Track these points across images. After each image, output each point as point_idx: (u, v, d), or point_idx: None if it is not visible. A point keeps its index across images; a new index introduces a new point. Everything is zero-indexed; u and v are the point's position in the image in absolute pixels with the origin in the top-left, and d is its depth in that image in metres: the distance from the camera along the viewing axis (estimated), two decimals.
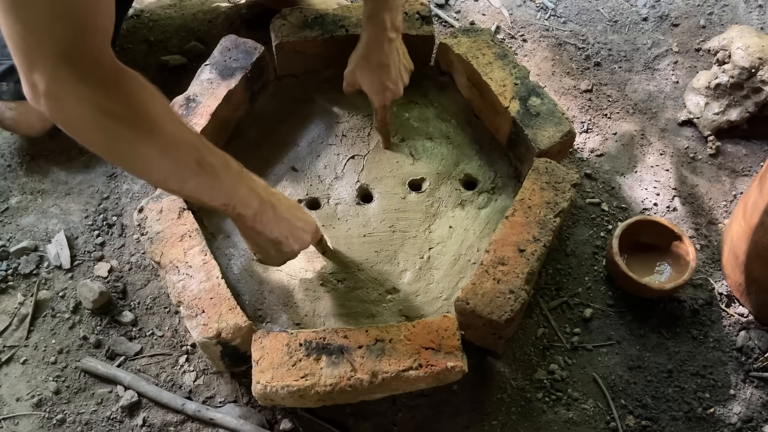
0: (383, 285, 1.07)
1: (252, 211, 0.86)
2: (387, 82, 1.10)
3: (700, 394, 1.06)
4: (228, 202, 0.83)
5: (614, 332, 1.12)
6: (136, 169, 0.76)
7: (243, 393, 1.04)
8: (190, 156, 0.75)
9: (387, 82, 1.10)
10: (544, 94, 1.17)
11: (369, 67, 1.10)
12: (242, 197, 0.84)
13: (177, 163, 0.75)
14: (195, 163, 0.76)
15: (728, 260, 1.15)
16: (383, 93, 1.12)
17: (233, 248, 1.11)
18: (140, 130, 0.70)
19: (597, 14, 1.59)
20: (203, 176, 0.77)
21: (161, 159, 0.73)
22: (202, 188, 0.79)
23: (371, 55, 1.08)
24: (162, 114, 0.73)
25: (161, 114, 0.72)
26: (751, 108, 1.32)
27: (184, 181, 0.77)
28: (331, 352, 0.91)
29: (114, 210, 1.24)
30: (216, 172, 0.79)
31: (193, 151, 0.76)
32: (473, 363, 1.04)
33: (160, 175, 0.76)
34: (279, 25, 1.26)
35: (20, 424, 1.02)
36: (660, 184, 1.30)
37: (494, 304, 0.95)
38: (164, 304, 1.13)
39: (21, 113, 1.21)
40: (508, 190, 1.18)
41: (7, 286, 1.15)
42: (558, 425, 1.03)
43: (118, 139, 0.70)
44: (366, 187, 1.18)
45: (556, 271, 1.18)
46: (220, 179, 0.80)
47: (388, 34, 1.06)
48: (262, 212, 0.87)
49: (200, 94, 1.16)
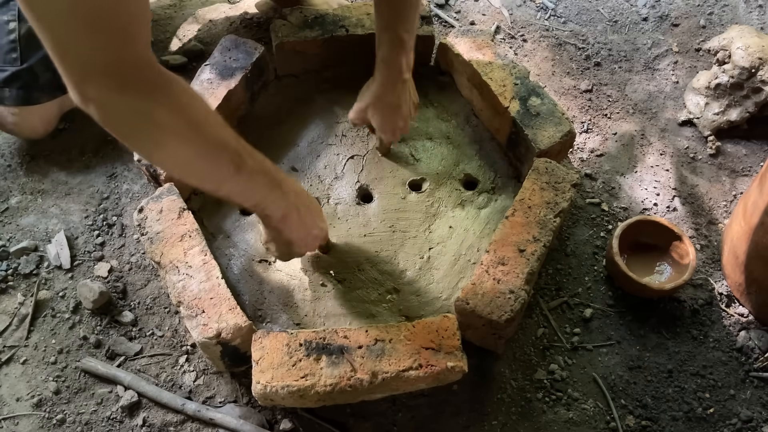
0: (383, 285, 1.07)
1: (279, 214, 0.90)
2: (399, 122, 1.12)
3: (700, 394, 1.06)
4: (258, 203, 0.87)
5: (614, 332, 1.12)
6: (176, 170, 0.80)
7: (243, 393, 1.04)
8: (228, 160, 0.78)
9: (399, 122, 1.12)
10: (544, 94, 1.17)
11: (382, 107, 1.10)
12: (273, 200, 0.88)
13: (217, 166, 0.77)
14: (233, 166, 0.78)
15: (728, 260, 1.15)
16: (393, 132, 1.14)
17: (233, 248, 1.11)
18: (184, 134, 0.72)
19: (597, 14, 1.59)
20: (239, 179, 0.80)
21: (202, 161, 0.76)
22: (237, 190, 0.83)
23: (385, 96, 1.09)
24: (205, 118, 0.75)
25: (204, 118, 0.75)
26: (751, 108, 1.32)
27: (220, 182, 0.80)
28: (331, 352, 0.90)
29: (114, 210, 1.24)
30: (251, 175, 0.82)
31: (233, 155, 0.78)
32: (473, 363, 1.04)
33: (199, 176, 0.79)
34: (279, 25, 1.26)
35: (20, 424, 1.02)
36: (660, 184, 1.30)
37: (494, 304, 0.95)
38: (164, 304, 1.13)
39: (23, 117, 1.22)
40: (508, 190, 1.18)
41: (7, 286, 1.15)
42: (558, 425, 1.03)
43: (163, 145, 0.72)
44: (366, 187, 1.18)
45: (556, 271, 1.18)
46: (254, 182, 0.83)
47: (403, 76, 1.07)
48: (287, 215, 0.91)
49: (200, 94, 1.16)
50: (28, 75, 1.17)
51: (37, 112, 1.23)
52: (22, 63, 1.16)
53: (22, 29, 1.16)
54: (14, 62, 1.17)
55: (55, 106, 1.25)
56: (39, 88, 1.19)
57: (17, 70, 1.17)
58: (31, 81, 1.18)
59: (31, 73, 1.18)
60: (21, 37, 1.16)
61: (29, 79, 1.18)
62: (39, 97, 1.20)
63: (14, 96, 1.18)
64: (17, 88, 1.18)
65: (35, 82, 1.18)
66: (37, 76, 1.18)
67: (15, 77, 1.17)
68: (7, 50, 1.17)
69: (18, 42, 1.16)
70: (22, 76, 1.17)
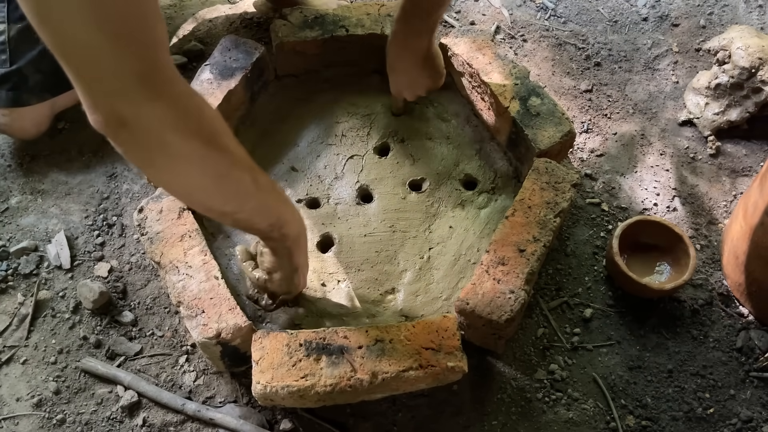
0: (383, 285, 1.07)
1: (295, 231, 0.88)
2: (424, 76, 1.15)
3: (700, 394, 1.06)
4: (276, 221, 0.84)
5: (614, 332, 1.12)
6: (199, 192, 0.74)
7: (243, 393, 1.04)
8: (249, 175, 0.75)
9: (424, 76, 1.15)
10: (544, 94, 1.17)
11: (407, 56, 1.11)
12: (289, 216, 0.86)
13: (239, 183, 0.74)
14: (252, 182, 0.76)
15: (728, 260, 1.15)
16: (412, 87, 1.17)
17: (233, 248, 1.11)
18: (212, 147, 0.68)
19: (597, 14, 1.59)
20: (259, 195, 0.78)
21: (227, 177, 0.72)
22: (259, 207, 0.80)
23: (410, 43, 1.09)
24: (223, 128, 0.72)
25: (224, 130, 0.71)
26: (751, 108, 1.32)
27: (244, 201, 0.77)
28: (331, 352, 0.90)
29: (114, 210, 1.24)
30: (267, 191, 0.80)
31: (251, 170, 0.76)
32: (473, 363, 1.04)
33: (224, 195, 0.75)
34: (279, 25, 1.26)
35: (20, 424, 1.02)
36: (660, 184, 1.30)
37: (494, 304, 0.95)
38: (164, 304, 1.13)
39: (14, 119, 1.22)
40: (508, 190, 1.18)
41: (7, 286, 1.15)
42: (558, 425, 1.03)
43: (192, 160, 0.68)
44: (366, 187, 1.18)
45: (556, 271, 1.18)
46: (271, 197, 0.82)
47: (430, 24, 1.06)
48: (300, 234, 0.90)
49: (200, 94, 1.16)
50: (17, 77, 1.17)
51: (28, 114, 1.22)
52: (11, 65, 1.16)
53: (11, 31, 1.16)
54: (3, 64, 1.16)
55: (46, 108, 1.25)
56: (28, 90, 1.19)
57: (6, 72, 1.17)
58: (21, 83, 1.18)
59: (20, 75, 1.17)
60: (10, 38, 1.16)
61: (19, 81, 1.18)
62: (28, 99, 1.20)
63: (3, 98, 1.18)
64: (7, 89, 1.18)
65: (25, 84, 1.18)
66: (27, 78, 1.18)
67: (4, 79, 1.17)
68: None
69: (7, 44, 1.16)
70: (12, 78, 1.17)
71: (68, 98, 1.28)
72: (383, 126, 1.25)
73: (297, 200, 1.16)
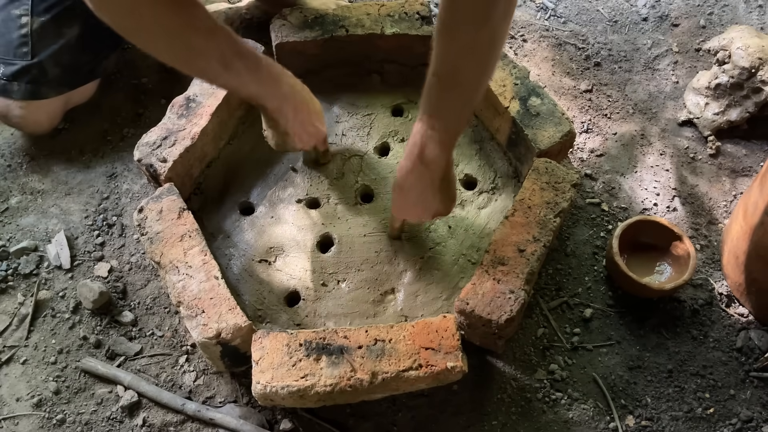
0: (383, 285, 1.07)
1: (273, 105, 0.99)
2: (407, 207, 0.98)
3: (700, 394, 1.06)
4: (252, 95, 0.96)
5: (614, 332, 1.12)
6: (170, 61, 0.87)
7: (243, 393, 1.04)
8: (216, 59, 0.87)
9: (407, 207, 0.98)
10: (544, 94, 1.17)
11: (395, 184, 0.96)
12: (266, 93, 0.97)
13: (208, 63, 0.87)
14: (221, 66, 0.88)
15: (728, 260, 1.15)
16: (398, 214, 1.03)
17: (233, 248, 1.11)
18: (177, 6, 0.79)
19: (597, 14, 1.59)
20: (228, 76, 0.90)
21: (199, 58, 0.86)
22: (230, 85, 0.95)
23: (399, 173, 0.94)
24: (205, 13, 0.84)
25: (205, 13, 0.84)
26: (751, 108, 1.32)
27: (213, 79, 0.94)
28: (331, 352, 0.90)
29: (114, 210, 1.24)
30: (240, 73, 0.91)
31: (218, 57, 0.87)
32: (473, 363, 1.04)
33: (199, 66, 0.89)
34: (279, 25, 1.26)
35: (20, 424, 1.02)
36: (660, 184, 1.30)
37: (494, 304, 0.95)
38: (164, 304, 1.13)
39: (30, 112, 1.22)
40: (508, 190, 1.18)
41: (7, 286, 1.15)
42: (558, 425, 1.03)
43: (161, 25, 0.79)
44: (366, 187, 1.18)
45: (556, 271, 1.18)
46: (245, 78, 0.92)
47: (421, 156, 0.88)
48: (281, 107, 1.00)
49: (200, 94, 1.16)
50: (37, 70, 1.18)
51: (44, 107, 1.23)
52: (32, 57, 1.17)
53: (34, 24, 1.17)
54: (24, 56, 1.17)
55: (61, 102, 1.26)
56: (47, 83, 1.20)
57: (27, 65, 1.17)
58: (40, 76, 1.19)
59: (40, 68, 1.18)
60: (33, 31, 1.17)
61: (38, 74, 1.18)
62: (46, 92, 1.21)
63: (22, 90, 1.19)
64: (26, 82, 1.18)
65: (44, 77, 1.19)
66: (46, 72, 1.19)
67: (24, 71, 1.18)
68: (18, 44, 1.17)
69: (30, 36, 1.17)
70: (31, 70, 1.18)
71: (83, 94, 1.30)
72: (383, 126, 1.25)
73: (297, 200, 1.16)
